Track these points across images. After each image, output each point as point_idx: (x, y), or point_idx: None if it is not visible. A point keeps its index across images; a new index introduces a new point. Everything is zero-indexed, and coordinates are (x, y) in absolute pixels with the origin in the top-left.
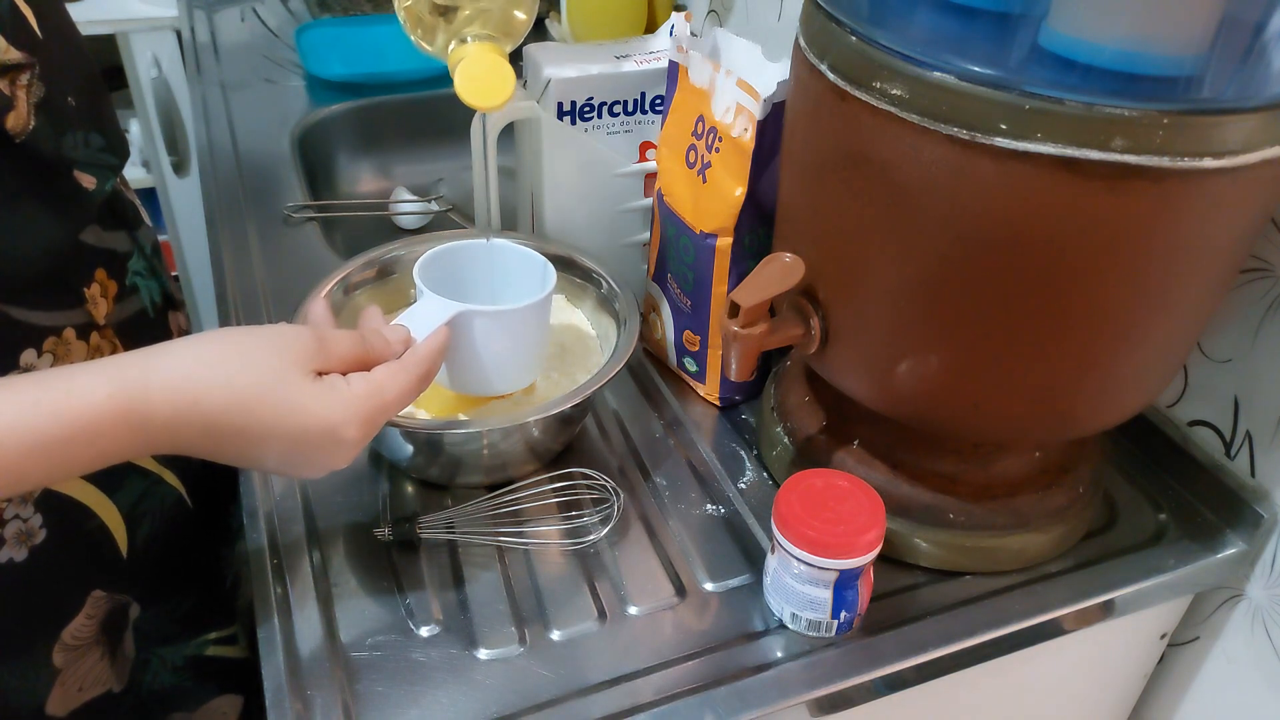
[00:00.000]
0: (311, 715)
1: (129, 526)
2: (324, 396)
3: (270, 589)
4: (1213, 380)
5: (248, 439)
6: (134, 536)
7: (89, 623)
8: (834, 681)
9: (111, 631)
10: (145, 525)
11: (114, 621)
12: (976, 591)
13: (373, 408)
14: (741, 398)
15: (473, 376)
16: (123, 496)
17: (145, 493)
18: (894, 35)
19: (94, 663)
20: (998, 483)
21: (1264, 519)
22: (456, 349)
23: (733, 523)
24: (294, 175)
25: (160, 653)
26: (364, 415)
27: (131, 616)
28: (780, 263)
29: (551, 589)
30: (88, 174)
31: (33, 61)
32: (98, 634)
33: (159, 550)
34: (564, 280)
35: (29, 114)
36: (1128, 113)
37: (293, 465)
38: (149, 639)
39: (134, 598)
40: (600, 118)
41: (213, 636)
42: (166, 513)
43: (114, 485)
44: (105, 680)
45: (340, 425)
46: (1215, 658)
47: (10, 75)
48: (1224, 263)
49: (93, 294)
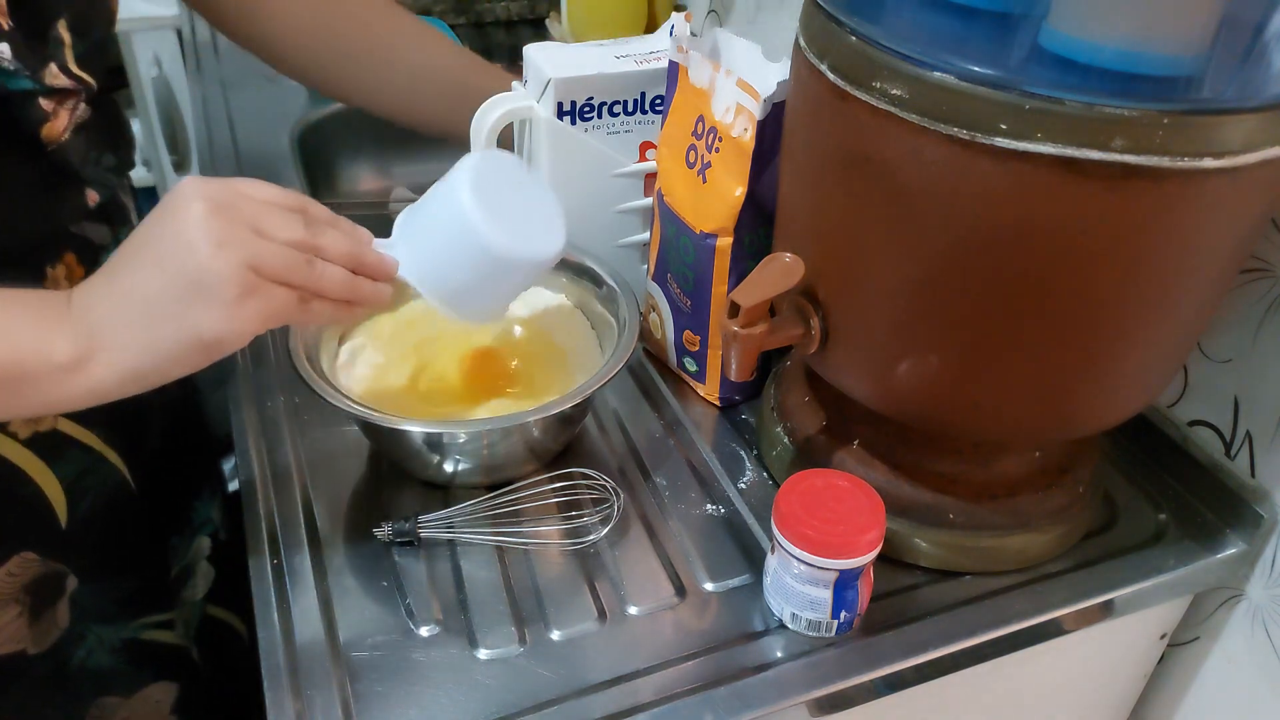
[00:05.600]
0: (311, 715)
1: (70, 499)
2: None
3: (270, 589)
4: (1213, 380)
5: (120, 258)
6: (74, 509)
7: (9, 580)
8: (834, 681)
9: (39, 595)
10: (86, 501)
11: (45, 587)
12: (976, 591)
13: (218, 183)
14: (741, 398)
15: (446, 289)
16: (63, 468)
17: (88, 469)
18: (894, 35)
19: (11, 619)
20: (998, 483)
21: (1264, 519)
22: (449, 258)
23: (733, 523)
24: (294, 175)
25: (98, 631)
26: (205, 182)
27: (69, 588)
28: (780, 263)
29: (551, 589)
30: (95, 190)
31: (80, 89)
32: (18, 593)
33: (100, 527)
34: (564, 280)
35: (65, 131)
36: (1128, 113)
37: (158, 264)
38: (87, 614)
39: (72, 570)
40: (600, 118)
41: (150, 620)
42: (109, 492)
43: (53, 455)
44: (20, 639)
45: (180, 188)
46: (1215, 658)
47: (57, 98)
48: (1224, 263)
49: (56, 274)
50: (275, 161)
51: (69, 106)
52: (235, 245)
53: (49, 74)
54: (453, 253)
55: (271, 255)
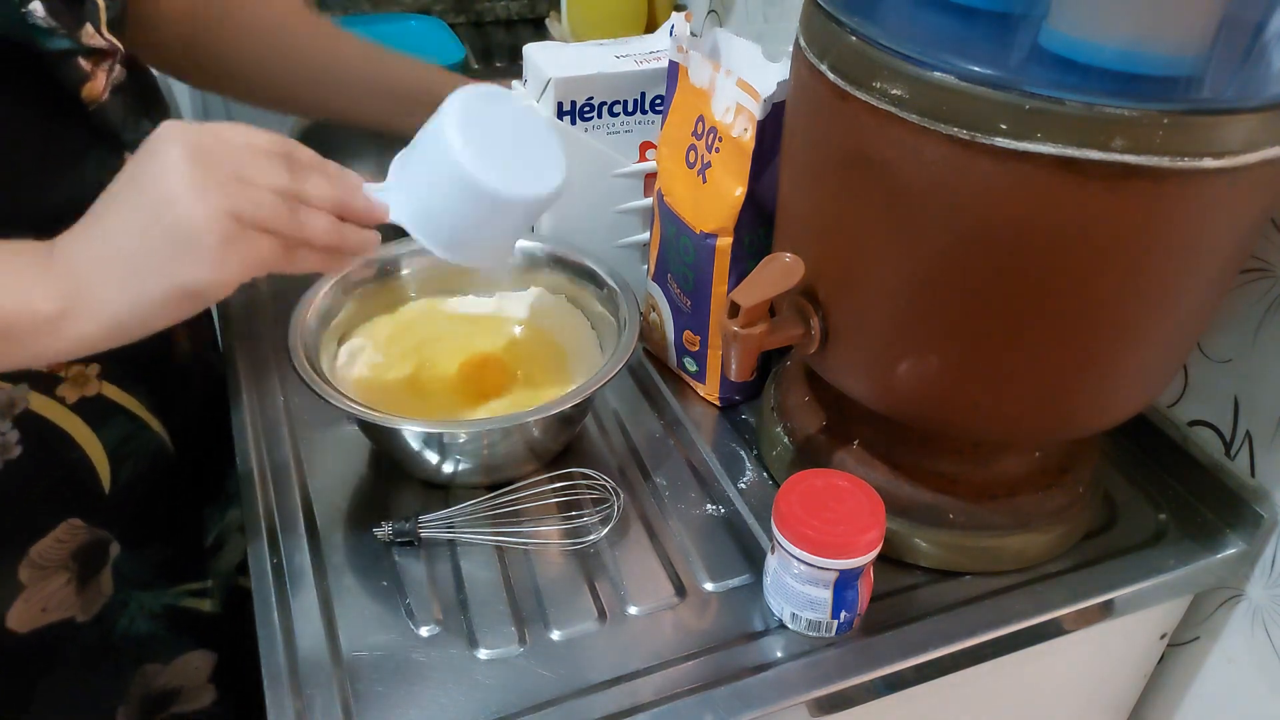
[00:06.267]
0: (311, 715)
1: (113, 465)
2: None
3: (270, 588)
4: (1213, 380)
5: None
6: (117, 475)
7: (59, 546)
8: (834, 681)
9: (86, 563)
10: (129, 466)
11: (91, 554)
12: (976, 591)
13: (199, 127)
14: (741, 398)
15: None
16: (107, 434)
17: (130, 435)
18: (894, 35)
19: (59, 586)
20: (998, 483)
21: (1264, 519)
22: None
23: (733, 523)
24: None
25: (139, 597)
26: (185, 126)
27: (112, 555)
28: (780, 263)
29: (551, 589)
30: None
31: (116, 49)
32: (67, 560)
33: (142, 493)
34: (564, 280)
35: (104, 91)
36: (1128, 113)
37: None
38: (128, 581)
39: (115, 536)
40: (600, 118)
41: (188, 588)
42: (150, 458)
43: (98, 421)
44: (69, 606)
45: (160, 132)
46: (1215, 658)
47: (95, 58)
48: (1224, 263)
49: None
50: None
51: (105, 68)
52: (216, 192)
53: (85, 34)
54: (443, 194)
55: (253, 203)
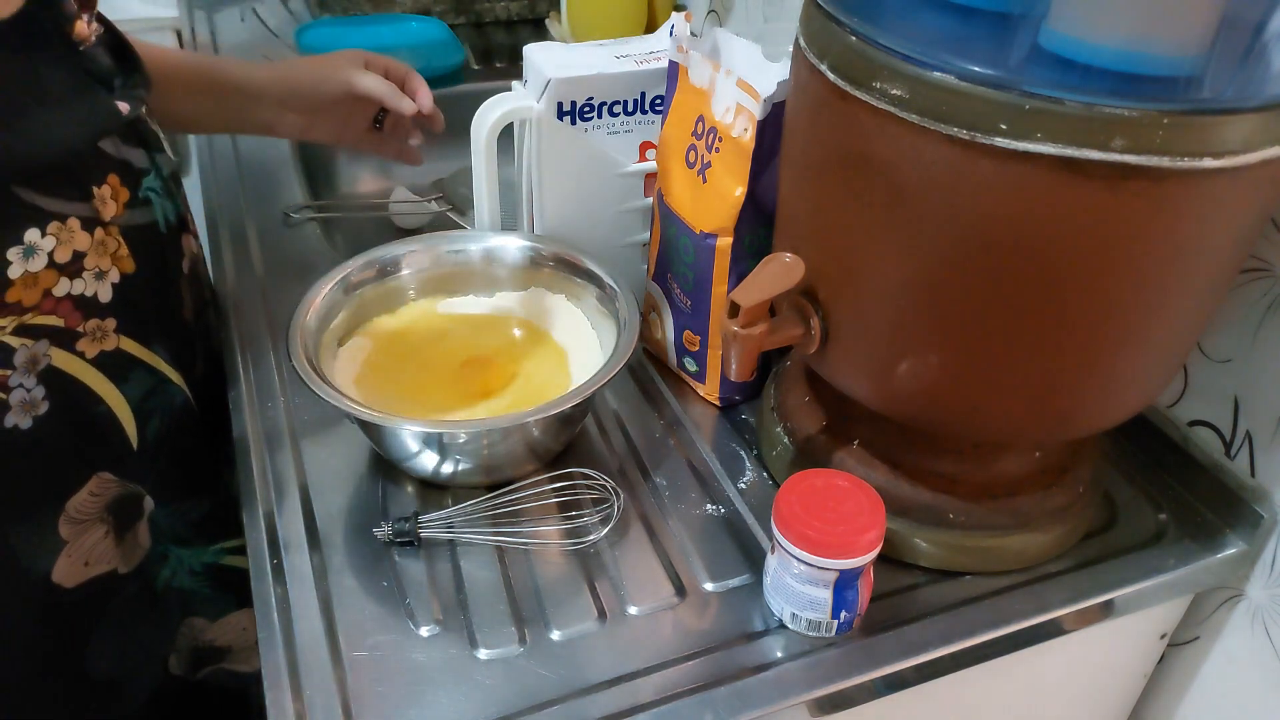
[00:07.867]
0: (311, 715)
1: (138, 420)
2: None
3: (270, 589)
4: (1213, 380)
5: None
6: (143, 430)
7: (93, 500)
8: (834, 681)
9: (121, 515)
10: (155, 421)
11: (125, 507)
12: (976, 591)
13: None
14: (741, 398)
15: None
16: (130, 389)
17: (153, 390)
18: (894, 35)
19: (98, 539)
20: (998, 483)
21: (1264, 519)
22: None
23: (733, 523)
24: (294, 175)
25: (178, 553)
26: None
27: (147, 509)
28: (780, 263)
29: (551, 589)
30: (124, 101)
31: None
32: (102, 512)
33: (170, 448)
34: (564, 280)
35: (91, 34)
36: (1128, 113)
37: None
38: (164, 535)
39: (147, 490)
40: (600, 118)
41: (228, 546)
42: (175, 414)
43: (120, 376)
44: (110, 559)
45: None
46: (1215, 658)
47: (79, 2)
48: (1224, 263)
49: (102, 194)
50: (275, 162)
51: (86, 19)
52: None
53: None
54: None
55: None
